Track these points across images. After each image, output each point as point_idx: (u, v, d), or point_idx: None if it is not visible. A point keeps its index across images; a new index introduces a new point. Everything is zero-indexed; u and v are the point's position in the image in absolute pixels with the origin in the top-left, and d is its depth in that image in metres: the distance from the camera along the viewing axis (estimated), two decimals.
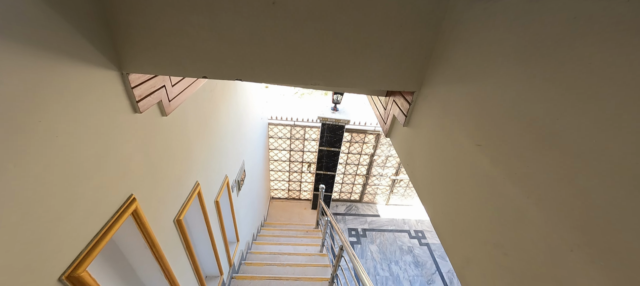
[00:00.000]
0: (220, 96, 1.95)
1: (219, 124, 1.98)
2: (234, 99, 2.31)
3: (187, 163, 1.48)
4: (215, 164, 1.94)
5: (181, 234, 1.46)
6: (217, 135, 1.95)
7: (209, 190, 1.86)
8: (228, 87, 2.13)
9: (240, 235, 2.99)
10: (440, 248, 5.01)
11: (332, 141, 4.41)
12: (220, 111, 1.97)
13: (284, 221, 5.24)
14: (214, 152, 1.92)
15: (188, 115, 1.46)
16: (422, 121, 0.93)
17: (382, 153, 5.03)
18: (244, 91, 2.70)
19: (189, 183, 1.53)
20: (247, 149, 3.01)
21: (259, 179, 4.05)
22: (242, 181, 2.82)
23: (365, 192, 5.72)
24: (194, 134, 1.56)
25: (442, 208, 0.76)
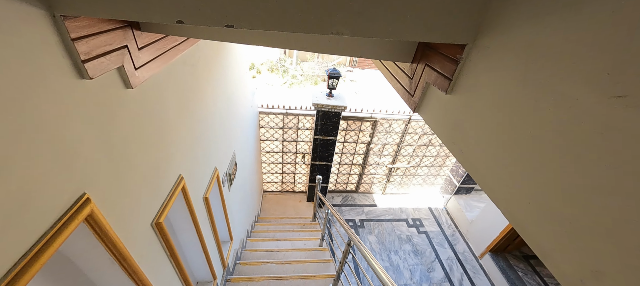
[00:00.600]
0: (204, 72, 1.64)
1: (205, 107, 1.68)
2: (220, 79, 2.01)
3: (166, 152, 1.19)
4: (202, 154, 1.66)
5: (163, 240, 1.19)
6: (203, 120, 1.66)
7: (196, 185, 1.58)
8: (213, 63, 1.82)
9: (234, 233, 2.72)
10: (438, 235, 4.95)
11: (328, 129, 4.16)
12: (205, 91, 1.67)
13: (279, 215, 5.00)
14: (201, 140, 1.63)
15: (165, 92, 1.17)
16: (482, 81, 0.69)
17: (379, 140, 4.84)
18: (232, 72, 2.39)
19: (170, 177, 1.25)
20: (237, 139, 2.72)
21: (251, 171, 3.76)
22: (234, 175, 2.54)
23: (361, 182, 5.55)
24: (175, 116, 1.27)
25: (534, 197, 0.54)
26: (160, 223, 1.13)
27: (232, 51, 2.38)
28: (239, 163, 2.79)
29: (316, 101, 3.83)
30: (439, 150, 5.11)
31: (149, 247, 1.09)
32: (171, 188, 1.25)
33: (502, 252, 4.32)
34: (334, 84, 3.86)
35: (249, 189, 3.67)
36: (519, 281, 3.96)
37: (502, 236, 4.05)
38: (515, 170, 0.59)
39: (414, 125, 4.67)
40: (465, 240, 4.86)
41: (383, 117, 4.55)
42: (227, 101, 2.24)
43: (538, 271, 4.13)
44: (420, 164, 5.31)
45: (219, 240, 2.11)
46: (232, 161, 2.46)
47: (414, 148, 5.03)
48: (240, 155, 2.86)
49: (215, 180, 1.94)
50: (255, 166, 4.19)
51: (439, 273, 4.30)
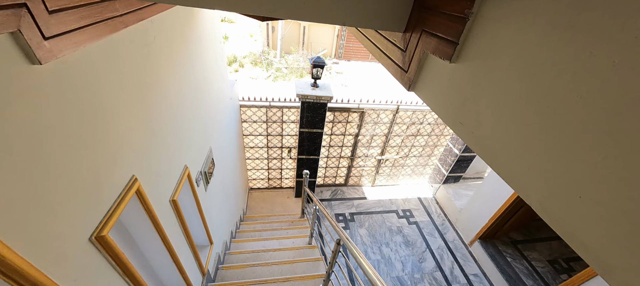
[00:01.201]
0: (164, 56, 1.41)
1: (167, 97, 1.45)
2: (188, 66, 1.77)
3: (108, 150, 0.97)
4: (166, 152, 1.43)
5: (109, 255, 0.97)
6: (166, 112, 1.43)
7: (158, 187, 1.36)
8: (177, 46, 1.58)
9: (215, 236, 2.51)
10: (428, 225, 4.93)
11: (314, 121, 3.97)
12: (166, 79, 1.43)
13: (266, 212, 4.80)
14: (163, 135, 1.40)
15: (104, 74, 0.94)
16: (502, 38, 0.53)
17: (366, 132, 4.72)
18: (204, 60, 2.14)
19: (118, 179, 1.03)
20: (214, 134, 2.48)
21: (233, 169, 3.53)
22: (211, 173, 2.31)
23: (350, 175, 5.43)
24: (121, 106, 1.04)
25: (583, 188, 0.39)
26: (104, 237, 0.91)
27: (203, 35, 2.13)
28: (217, 160, 2.56)
29: (300, 91, 3.62)
30: (427, 140, 5.06)
31: (85, 267, 0.88)
32: (120, 192, 1.03)
33: (490, 238, 4.35)
34: (319, 73, 3.66)
35: (232, 187, 3.44)
36: (508, 267, 3.99)
37: (491, 223, 4.05)
38: (553, 155, 0.43)
39: (402, 115, 4.57)
40: (454, 229, 4.86)
41: (370, 108, 4.41)
42: (198, 91, 2.00)
43: (525, 256, 4.19)
44: (408, 154, 5.24)
45: (194, 246, 1.90)
46: (208, 159, 2.23)
47: (402, 138, 4.94)
48: (218, 152, 2.62)
49: (186, 180, 1.72)
50: (238, 163, 3.95)
51: (430, 263, 4.28)
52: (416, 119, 4.68)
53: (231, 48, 13.36)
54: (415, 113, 4.59)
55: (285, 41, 12.97)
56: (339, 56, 14.52)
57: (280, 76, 11.50)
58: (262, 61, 12.21)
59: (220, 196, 2.79)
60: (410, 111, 4.55)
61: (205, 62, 2.18)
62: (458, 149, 4.77)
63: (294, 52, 12.76)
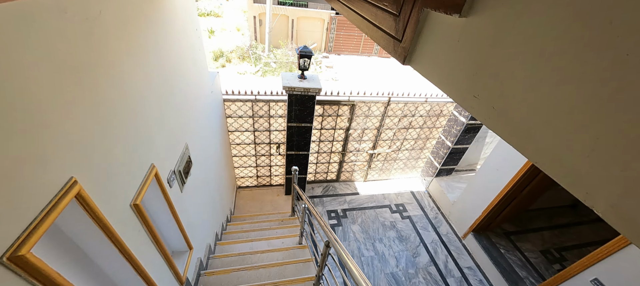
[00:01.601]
0: (115, 33, 1.19)
1: (123, 84, 1.24)
2: (151, 51, 1.55)
3: (29, 146, 0.76)
4: (121, 148, 1.22)
5: (37, 280, 0.77)
6: (120, 102, 1.22)
7: (111, 190, 1.15)
8: (135, 22, 1.36)
9: (195, 240, 2.31)
10: (422, 219, 4.86)
11: (302, 115, 3.79)
12: (120, 62, 1.22)
13: (255, 211, 4.61)
14: (117, 129, 1.19)
15: (17, 49, 0.73)
16: None
17: (358, 125, 4.57)
18: (174, 45, 1.92)
19: (47, 183, 0.83)
20: (191, 130, 2.27)
21: (217, 167, 3.31)
22: (188, 172, 2.10)
23: (342, 170, 5.29)
24: (50, 92, 0.83)
25: None
26: (22, 256, 0.71)
27: (175, 20, 1.90)
28: (196, 158, 2.35)
29: (287, 83, 3.43)
30: (419, 132, 4.96)
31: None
32: (51, 199, 0.83)
33: (484, 231, 4.31)
34: (306, 64, 3.47)
35: (216, 187, 3.23)
36: (502, 258, 3.96)
37: (484, 216, 4.00)
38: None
39: (394, 107, 4.44)
40: (448, 222, 4.81)
41: (361, 100, 4.26)
42: (169, 82, 1.78)
43: (518, 247, 4.16)
44: (401, 148, 5.13)
45: (167, 254, 1.70)
46: (184, 156, 2.02)
47: (394, 132, 4.82)
48: (197, 149, 2.41)
49: (154, 180, 1.52)
50: (223, 161, 3.73)
51: (424, 257, 4.20)
52: (408, 111, 4.56)
53: (217, 42, 12.93)
54: (407, 105, 4.47)
55: (273, 35, 12.64)
56: (328, 49, 14.30)
57: (269, 70, 11.20)
58: (250, 55, 11.86)
59: (201, 197, 2.58)
60: (402, 103, 4.43)
61: (177, 50, 1.96)
62: (450, 141, 4.69)
63: (282, 46, 12.46)
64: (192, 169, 2.23)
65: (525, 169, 3.31)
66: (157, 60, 1.60)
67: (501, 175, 3.68)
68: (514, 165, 3.46)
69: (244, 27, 15.28)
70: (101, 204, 1.05)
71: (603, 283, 2.57)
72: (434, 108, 4.62)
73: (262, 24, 12.74)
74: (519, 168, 3.39)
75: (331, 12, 13.21)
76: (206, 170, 2.77)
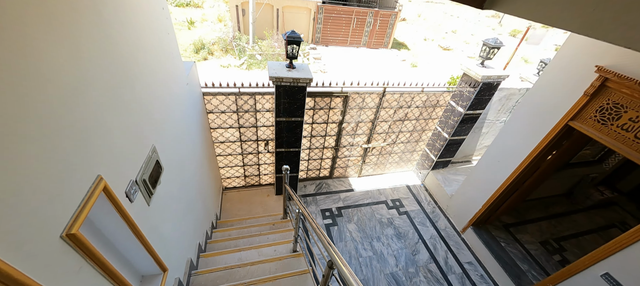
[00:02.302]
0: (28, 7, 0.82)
1: (41, 72, 0.87)
2: (94, 29, 1.17)
3: None
4: (42, 161, 0.86)
5: None
6: (35, 96, 0.85)
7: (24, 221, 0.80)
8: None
9: (172, 259, 1.97)
10: (419, 214, 4.68)
11: (292, 109, 3.45)
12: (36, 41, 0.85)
13: (244, 215, 4.26)
14: (29, 135, 0.83)
15: None
16: None
17: (351, 118, 4.28)
18: (132, 27, 1.53)
19: None
20: (160, 129, 1.89)
21: (198, 169, 2.94)
22: (157, 180, 1.74)
23: (335, 166, 5.01)
24: None
25: None
26: None
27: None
28: (168, 161, 1.99)
29: (274, 74, 3.07)
30: (415, 124, 4.74)
31: None
32: None
33: (483, 224, 4.18)
34: (294, 51, 3.11)
35: (197, 191, 2.87)
36: (502, 252, 3.84)
37: (485, 209, 3.85)
38: None
39: (389, 98, 4.17)
40: (446, 216, 4.66)
41: (355, 91, 3.96)
42: (120, 71, 1.40)
43: (518, 239, 4.07)
44: (396, 140, 4.91)
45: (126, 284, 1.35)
46: (150, 161, 1.66)
47: (389, 124, 4.57)
48: (169, 151, 2.04)
49: (102, 196, 1.16)
50: (205, 161, 3.35)
51: (423, 254, 4.03)
52: (404, 102, 4.31)
53: (198, 34, 12.18)
54: (403, 96, 4.22)
55: (257, 26, 12.04)
56: (316, 40, 13.85)
57: (254, 63, 10.67)
58: (234, 47, 11.25)
59: (178, 206, 2.22)
60: (398, 93, 4.17)
61: (136, 32, 1.57)
62: (447, 132, 4.50)
63: (268, 37, 11.91)
64: (163, 176, 1.86)
65: (530, 159, 3.15)
66: (100, 43, 1.22)
67: (503, 167, 3.52)
68: (516, 156, 3.30)
69: (227, 18, 14.52)
70: (7, 244, 0.70)
71: (615, 277, 2.44)
72: (430, 98, 4.40)
73: (245, 14, 12.10)
74: (523, 158, 3.23)
75: (318, 1, 12.73)
76: (183, 174, 2.40)
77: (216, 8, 16.67)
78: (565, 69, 2.78)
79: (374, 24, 13.92)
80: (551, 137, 2.94)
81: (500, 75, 3.80)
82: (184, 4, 16.52)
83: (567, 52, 2.76)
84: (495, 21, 26.58)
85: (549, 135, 2.95)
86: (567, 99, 2.77)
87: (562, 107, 2.82)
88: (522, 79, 4.76)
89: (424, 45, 16.63)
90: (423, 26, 20.68)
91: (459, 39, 19.04)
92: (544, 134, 3.01)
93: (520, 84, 4.52)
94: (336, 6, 13.01)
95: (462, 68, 4.02)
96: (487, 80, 3.79)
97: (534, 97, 3.10)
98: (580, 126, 2.68)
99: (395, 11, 13.85)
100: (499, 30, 23.48)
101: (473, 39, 19.59)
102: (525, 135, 3.19)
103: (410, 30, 18.83)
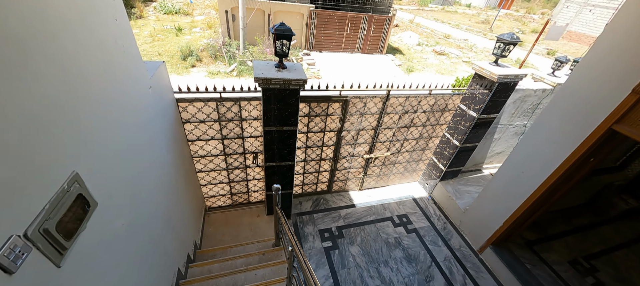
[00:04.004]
0: None
1: None
2: None
3: None
4: None
5: None
6: None
7: None
8: None
9: None
10: (429, 231, 4.16)
11: (284, 116, 2.93)
12: None
13: (229, 241, 3.66)
14: None
15: None
16: None
17: (351, 126, 3.78)
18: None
19: None
20: (89, 148, 1.34)
21: (165, 194, 2.37)
22: (77, 228, 1.18)
23: (334, 179, 4.48)
24: None
25: None
26: None
27: None
28: (109, 191, 1.43)
29: (261, 74, 2.55)
30: (421, 131, 4.27)
31: None
32: None
33: (504, 242, 3.68)
34: (285, 48, 2.61)
35: (163, 223, 2.29)
36: (529, 275, 3.33)
37: (507, 227, 3.35)
38: None
39: (393, 102, 3.70)
40: (459, 233, 4.15)
41: (356, 95, 3.48)
42: (20, 71, 0.86)
43: (544, 259, 3.57)
44: (400, 149, 4.42)
45: None
46: (64, 200, 1.10)
47: (394, 131, 4.09)
48: (109, 178, 1.48)
49: None
50: (179, 181, 2.79)
51: (439, 280, 3.49)
52: (410, 106, 3.84)
53: (187, 41, 11.66)
54: (409, 100, 3.75)
55: (248, 31, 11.60)
56: (309, 46, 13.48)
57: (245, 69, 10.17)
58: (224, 54, 10.75)
59: (125, 251, 1.64)
60: (403, 97, 3.70)
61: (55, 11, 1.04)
62: (458, 139, 4.04)
63: (259, 43, 11.46)
64: (95, 215, 1.30)
65: (564, 169, 2.68)
66: None
67: (528, 178, 3.04)
68: (547, 166, 2.83)
69: (216, 24, 14.07)
70: None
71: None
72: (438, 102, 3.95)
73: (235, 20, 11.66)
74: (554, 168, 2.76)
75: (311, 5, 12.41)
76: (139, 205, 1.84)
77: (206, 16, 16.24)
78: (605, 63, 2.35)
79: (368, 29, 13.66)
80: (590, 144, 2.48)
81: (517, 74, 3.37)
82: (172, 11, 16.04)
83: (607, 43, 2.34)
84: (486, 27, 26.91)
85: (588, 141, 2.49)
86: (609, 99, 2.33)
87: (602, 109, 2.38)
88: (534, 78, 4.36)
89: (419, 51, 16.46)
90: (416, 32, 20.65)
91: (453, 44, 19.01)
92: (580, 140, 2.55)
93: (535, 85, 4.11)
94: (329, 11, 12.71)
95: (474, 68, 3.59)
96: (504, 80, 3.35)
97: (567, 98, 2.66)
98: (629, 131, 2.23)
99: (389, 16, 13.63)
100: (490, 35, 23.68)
101: (466, 44, 19.60)
102: (557, 142, 2.74)
103: (404, 36, 18.72)
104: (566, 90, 2.66)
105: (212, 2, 18.64)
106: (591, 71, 2.46)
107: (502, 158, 5.05)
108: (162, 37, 12.07)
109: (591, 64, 2.46)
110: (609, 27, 2.33)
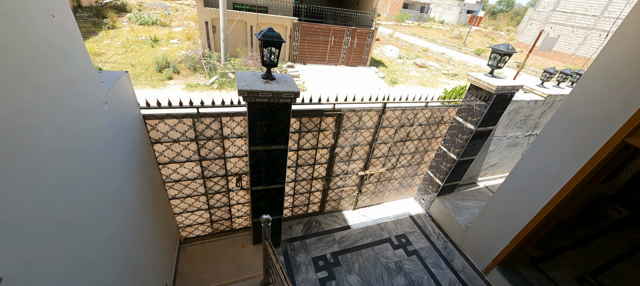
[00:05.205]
0: None
1: None
2: None
3: None
4: None
5: None
6: None
7: None
8: None
9: None
10: (430, 253, 3.88)
11: (272, 133, 2.56)
12: None
13: (209, 280, 3.13)
14: None
15: None
16: None
17: (346, 141, 3.48)
18: None
19: None
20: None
21: (121, 234, 1.89)
22: None
23: (327, 200, 4.11)
24: None
25: None
26: None
27: None
28: (25, 255, 0.98)
29: (246, 86, 2.19)
30: (417, 145, 4.06)
31: None
32: None
33: (510, 262, 3.47)
34: (273, 57, 2.29)
35: (121, 269, 1.80)
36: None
37: (514, 246, 3.15)
38: None
39: (389, 115, 3.46)
40: (461, 252, 3.90)
41: (350, 109, 3.19)
42: None
43: (552, 278, 3.39)
44: (396, 165, 4.17)
45: None
46: None
47: (389, 146, 3.84)
48: (31, 235, 1.04)
49: None
50: (144, 214, 2.29)
51: None
52: (406, 119, 3.63)
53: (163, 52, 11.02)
54: (405, 112, 3.53)
55: (230, 43, 11.22)
56: (293, 58, 13.30)
57: (227, 82, 9.70)
58: (203, 66, 10.24)
59: None
60: (400, 110, 3.48)
61: None
62: (455, 153, 3.86)
63: (241, 55, 11.09)
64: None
65: (575, 184, 2.52)
66: None
67: (535, 194, 2.87)
68: (555, 181, 2.67)
69: (196, 36, 13.56)
70: None
71: None
72: (435, 114, 3.77)
73: (216, 31, 11.25)
74: (564, 183, 2.60)
75: (294, 18, 12.31)
76: (83, 261, 1.37)
77: (185, 27, 15.67)
78: (613, 74, 2.25)
79: (352, 42, 13.78)
80: (603, 158, 2.34)
81: (514, 85, 3.27)
82: (149, 22, 15.32)
83: (613, 54, 2.24)
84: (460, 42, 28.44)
85: (600, 155, 2.35)
86: (620, 111, 2.21)
87: (613, 121, 2.26)
88: (525, 90, 4.35)
89: (400, 63, 16.86)
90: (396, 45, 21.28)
91: (431, 57, 19.74)
92: (591, 154, 2.41)
93: (527, 96, 4.08)
94: (313, 24, 12.69)
95: (470, 79, 3.46)
96: (502, 91, 3.23)
97: (572, 110, 2.54)
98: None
99: (372, 29, 13.87)
100: (464, 49, 25.00)
101: (443, 57, 20.45)
102: (566, 156, 2.59)
103: (386, 49, 19.20)
104: (572, 101, 2.54)
105: (192, 14, 18.14)
106: (597, 83, 2.36)
107: (497, 170, 4.97)
108: (136, 48, 11.35)
109: (597, 75, 2.36)
110: (614, 38, 2.24)
